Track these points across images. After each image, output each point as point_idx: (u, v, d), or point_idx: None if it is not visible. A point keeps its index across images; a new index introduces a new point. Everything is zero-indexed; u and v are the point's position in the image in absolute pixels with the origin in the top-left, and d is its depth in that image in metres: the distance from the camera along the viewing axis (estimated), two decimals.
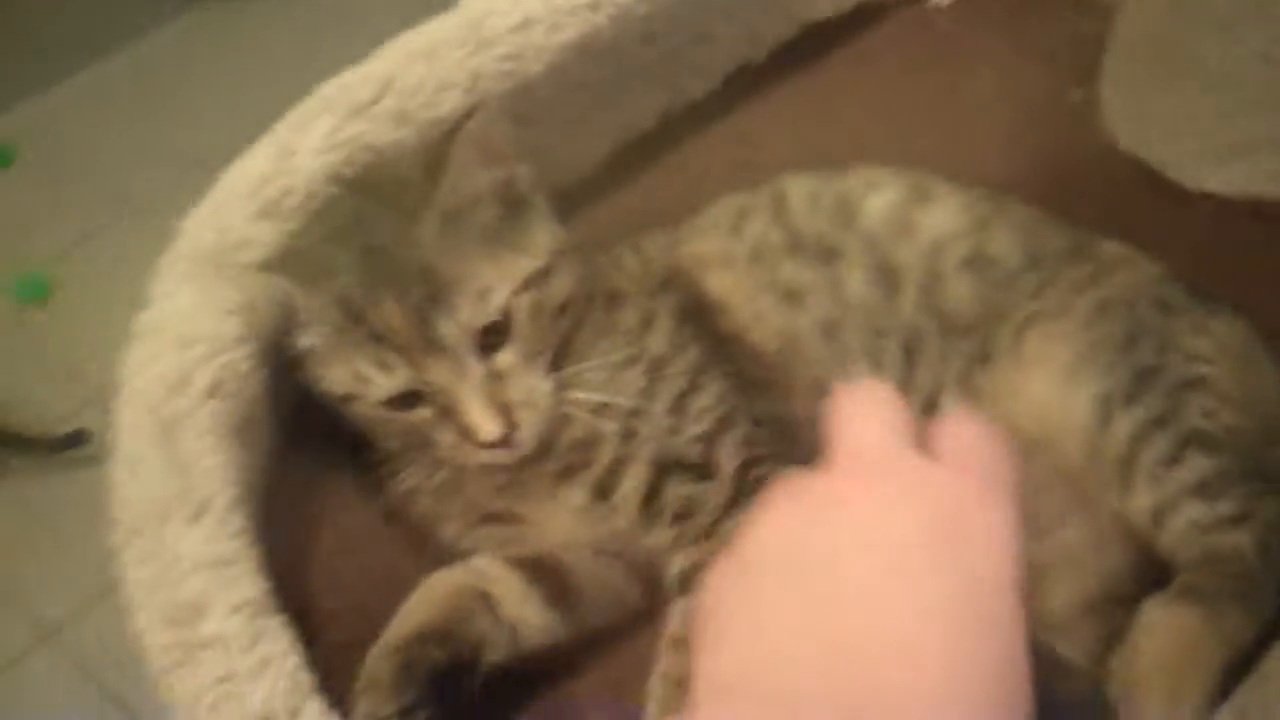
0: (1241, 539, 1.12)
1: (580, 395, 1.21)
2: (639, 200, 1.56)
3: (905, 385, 1.29)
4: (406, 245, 1.16)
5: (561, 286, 1.23)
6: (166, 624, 1.09)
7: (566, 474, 1.23)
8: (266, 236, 1.25)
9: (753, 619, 0.89)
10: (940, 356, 1.30)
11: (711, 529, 1.18)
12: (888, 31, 1.72)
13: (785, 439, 1.25)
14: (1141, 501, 1.17)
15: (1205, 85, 1.47)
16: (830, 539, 0.88)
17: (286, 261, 1.22)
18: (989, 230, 1.33)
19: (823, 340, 1.29)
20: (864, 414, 0.97)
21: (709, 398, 1.24)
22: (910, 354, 1.30)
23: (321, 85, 1.35)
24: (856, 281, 1.31)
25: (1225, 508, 1.14)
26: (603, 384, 1.22)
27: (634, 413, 1.22)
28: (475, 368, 1.16)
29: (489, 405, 1.15)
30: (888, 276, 1.31)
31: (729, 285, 1.33)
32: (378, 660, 1.15)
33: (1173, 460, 1.17)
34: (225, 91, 3.57)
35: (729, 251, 1.35)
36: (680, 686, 1.10)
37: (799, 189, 1.37)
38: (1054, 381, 1.25)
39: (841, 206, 1.35)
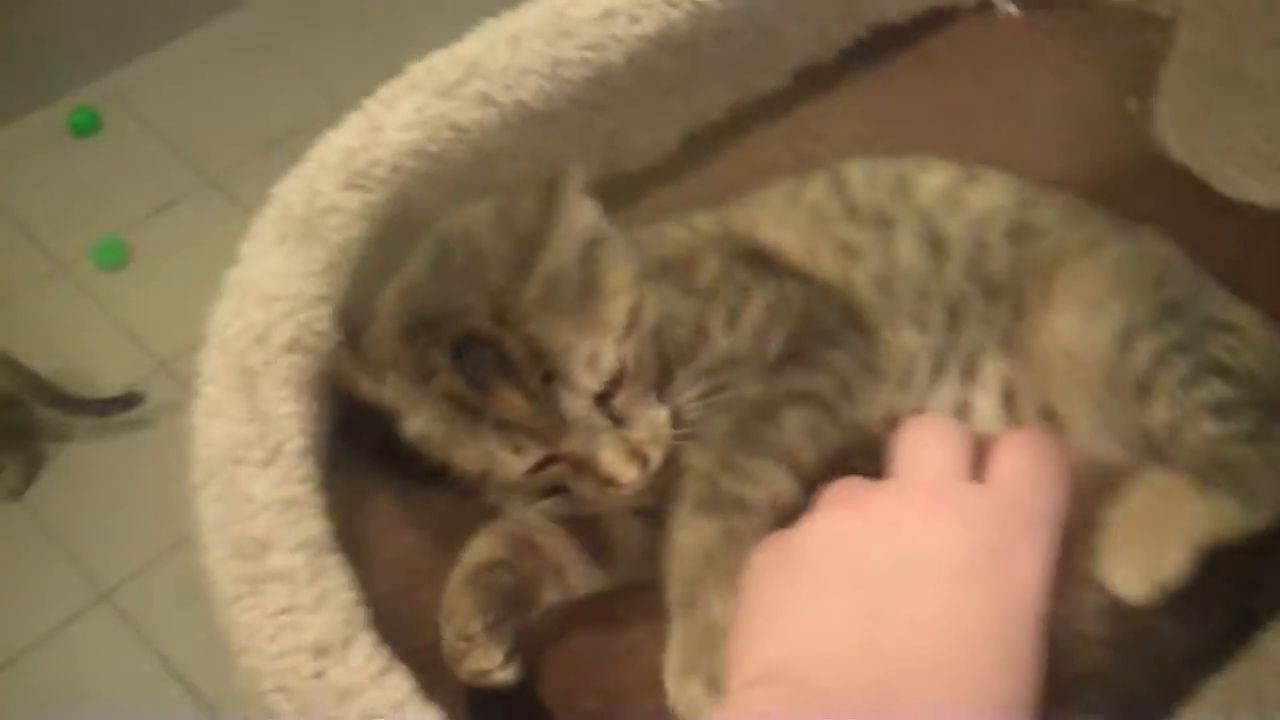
0: (1250, 452, 1.13)
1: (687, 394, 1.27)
2: (704, 188, 1.61)
3: (949, 346, 1.34)
4: (505, 326, 1.19)
5: (652, 311, 1.27)
6: (236, 558, 1.17)
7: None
8: (353, 205, 1.32)
9: (807, 616, 0.97)
10: (983, 320, 1.35)
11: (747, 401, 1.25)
12: (954, 35, 1.77)
13: (858, 327, 1.32)
14: (1159, 416, 1.20)
15: (1256, 100, 1.51)
16: (889, 557, 0.97)
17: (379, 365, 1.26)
18: (1034, 207, 1.40)
19: (874, 290, 1.36)
20: (928, 442, 1.05)
21: (760, 300, 1.31)
22: (954, 317, 1.35)
23: (409, 65, 1.42)
24: (907, 248, 1.37)
25: (1238, 426, 1.15)
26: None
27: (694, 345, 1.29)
28: (604, 424, 1.20)
29: (622, 453, 1.20)
30: (936, 246, 1.37)
31: (785, 236, 1.39)
32: (457, 588, 1.24)
33: (1192, 382, 1.19)
34: (307, 70, 3.62)
35: (784, 217, 1.41)
36: (693, 509, 1.18)
37: (857, 169, 1.44)
38: (1079, 313, 1.29)
39: (898, 183, 1.42)
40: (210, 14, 3.88)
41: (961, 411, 1.33)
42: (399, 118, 1.37)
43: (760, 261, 1.37)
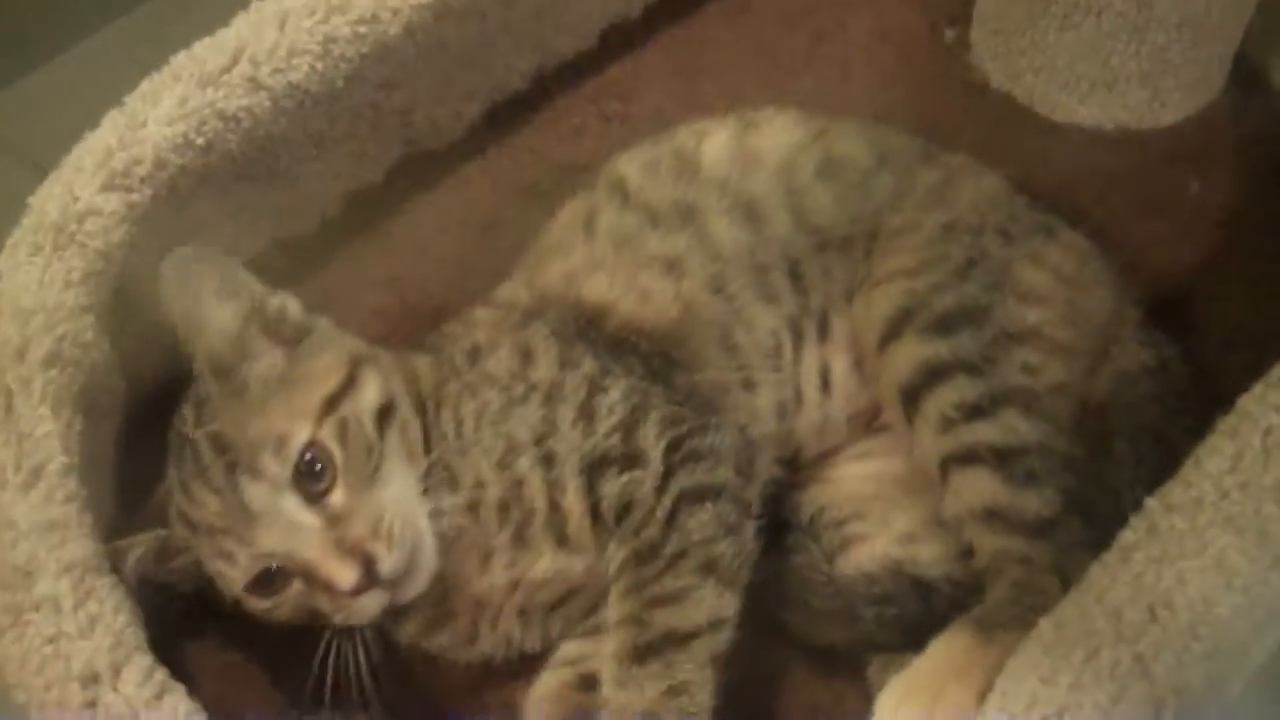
0: (1042, 568, 1.12)
1: (472, 462, 1.18)
2: (511, 160, 1.56)
3: (802, 310, 1.29)
4: (199, 427, 1.12)
5: (373, 391, 1.16)
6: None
7: (520, 538, 1.19)
8: (113, 207, 1.26)
9: None
10: (824, 273, 1.30)
11: (649, 517, 1.14)
12: None
13: (710, 407, 1.23)
14: (929, 443, 1.18)
15: (1066, 21, 1.46)
16: None
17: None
18: (830, 137, 1.34)
19: (713, 296, 1.28)
20: None
21: (616, 392, 1.19)
22: (797, 279, 1.30)
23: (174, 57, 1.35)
24: (722, 228, 1.30)
25: (1031, 504, 1.14)
26: (492, 440, 1.18)
27: (540, 440, 1.17)
28: (309, 520, 1.10)
29: (336, 553, 1.08)
30: (750, 210, 1.31)
31: (603, 287, 1.29)
32: None
33: (976, 410, 1.16)
34: None
35: (591, 256, 1.31)
36: (627, 660, 1.09)
37: (632, 167, 1.35)
38: (890, 294, 1.25)
39: (681, 164, 1.34)
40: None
41: (825, 376, 1.30)
42: (162, 111, 1.30)
43: (600, 340, 1.26)
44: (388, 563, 1.09)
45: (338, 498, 1.10)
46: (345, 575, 1.07)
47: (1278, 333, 1.17)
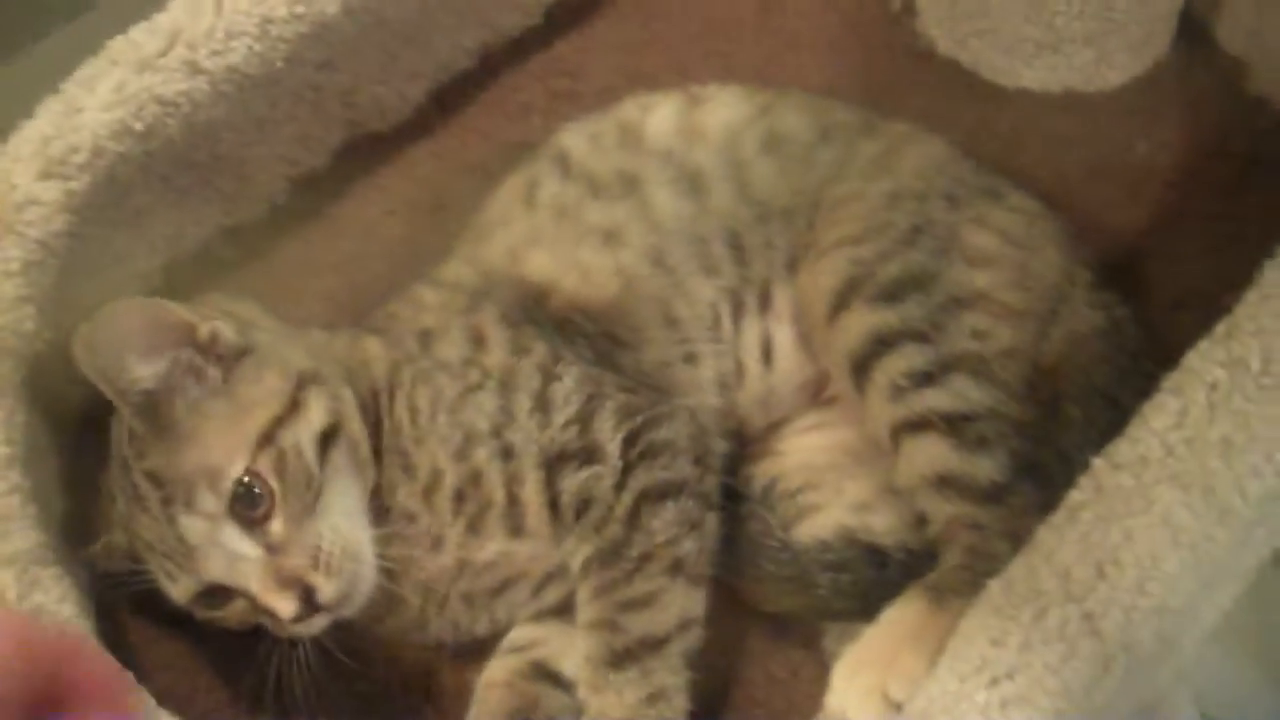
0: (995, 533, 1.12)
1: (429, 450, 1.18)
2: (458, 139, 1.55)
3: (742, 281, 1.29)
4: (140, 462, 1.11)
5: (317, 414, 1.15)
6: None
7: (474, 527, 1.19)
8: (52, 195, 1.24)
9: None
10: (765, 244, 1.30)
11: (609, 515, 1.14)
12: None
13: (660, 391, 1.23)
14: (879, 411, 1.18)
15: None
16: None
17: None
18: (774, 112, 1.34)
19: (653, 268, 1.28)
20: None
21: (570, 380, 1.19)
22: (737, 250, 1.29)
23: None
24: (664, 199, 1.30)
25: (983, 470, 1.14)
26: (449, 429, 1.18)
27: (497, 430, 1.17)
28: (248, 550, 1.09)
29: (274, 584, 1.08)
30: (692, 182, 1.31)
31: (544, 262, 1.29)
32: None
33: (926, 378, 1.16)
34: None
35: (532, 229, 1.31)
36: (603, 666, 1.09)
37: (576, 139, 1.35)
38: (835, 264, 1.24)
39: (625, 136, 1.34)
40: None
41: (766, 348, 1.30)
42: (98, 98, 1.28)
43: (545, 323, 1.25)
44: (327, 591, 1.09)
45: (276, 526, 1.09)
46: (285, 606, 1.08)
47: (1226, 292, 1.16)
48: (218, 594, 1.11)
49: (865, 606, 1.12)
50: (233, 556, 1.09)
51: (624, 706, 1.07)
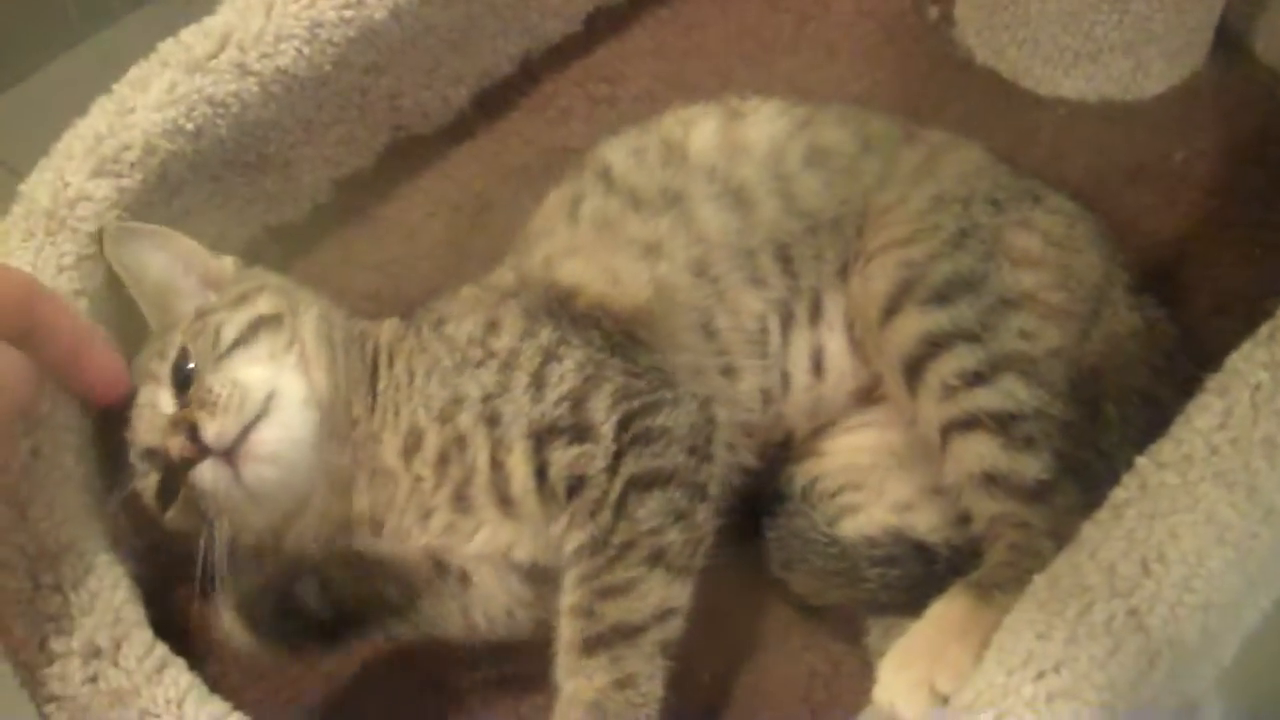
0: (1039, 531, 1.13)
1: (411, 409, 1.21)
2: (499, 144, 1.56)
3: (792, 293, 1.29)
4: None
5: (261, 305, 1.24)
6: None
7: (461, 494, 1.20)
8: (104, 192, 1.26)
9: None
10: (815, 255, 1.30)
11: (604, 499, 1.14)
12: None
13: (669, 383, 1.22)
14: (930, 411, 1.19)
15: None
16: None
17: None
18: (814, 126, 1.34)
19: (695, 279, 1.28)
20: None
21: (570, 362, 1.20)
22: (786, 262, 1.30)
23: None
24: (709, 213, 1.30)
25: (1029, 468, 1.14)
26: (437, 391, 1.21)
27: (488, 398, 1.19)
28: (166, 406, 1.18)
29: (170, 429, 1.14)
30: (739, 196, 1.31)
31: (578, 268, 1.30)
32: None
33: (977, 378, 1.17)
34: None
35: (572, 240, 1.32)
36: (574, 651, 1.10)
37: (619, 153, 1.36)
38: (885, 267, 1.25)
39: (667, 151, 1.34)
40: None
41: (817, 358, 1.30)
42: (150, 98, 1.30)
43: (564, 316, 1.26)
44: (210, 428, 1.12)
45: (192, 388, 1.16)
46: (174, 443, 1.13)
47: (1265, 297, 1.17)
48: (171, 485, 1.16)
49: (912, 600, 1.12)
50: (158, 415, 1.17)
51: (592, 689, 1.07)
